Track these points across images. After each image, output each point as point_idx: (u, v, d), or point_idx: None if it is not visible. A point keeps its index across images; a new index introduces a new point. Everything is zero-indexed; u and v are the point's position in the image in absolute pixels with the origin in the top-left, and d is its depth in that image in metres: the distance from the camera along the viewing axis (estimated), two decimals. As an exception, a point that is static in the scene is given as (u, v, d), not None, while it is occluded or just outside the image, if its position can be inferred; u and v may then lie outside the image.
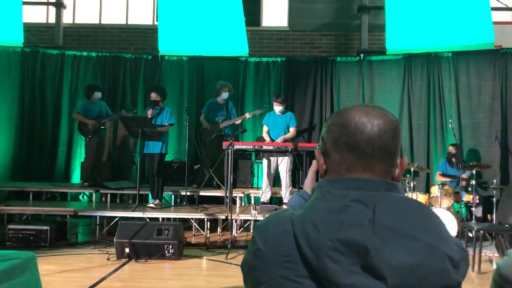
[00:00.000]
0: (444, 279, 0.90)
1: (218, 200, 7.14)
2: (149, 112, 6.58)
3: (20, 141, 8.32)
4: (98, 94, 7.45)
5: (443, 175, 7.18)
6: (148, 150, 6.56)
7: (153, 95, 6.65)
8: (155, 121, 6.54)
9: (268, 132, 7.08)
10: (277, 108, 6.94)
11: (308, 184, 1.35)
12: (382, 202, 0.94)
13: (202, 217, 6.22)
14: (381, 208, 0.93)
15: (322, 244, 0.90)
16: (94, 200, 7.23)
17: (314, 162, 1.31)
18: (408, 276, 0.88)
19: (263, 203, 6.75)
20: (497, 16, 8.41)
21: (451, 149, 7.03)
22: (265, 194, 6.84)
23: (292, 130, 7.01)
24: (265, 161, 6.89)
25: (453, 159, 7.01)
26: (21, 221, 6.28)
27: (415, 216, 0.94)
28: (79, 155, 8.19)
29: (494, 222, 6.05)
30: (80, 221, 6.65)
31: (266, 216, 1.08)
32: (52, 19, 9.63)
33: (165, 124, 6.61)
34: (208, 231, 6.27)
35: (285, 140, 6.86)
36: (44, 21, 9.88)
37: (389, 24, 8.18)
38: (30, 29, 9.11)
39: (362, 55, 8.41)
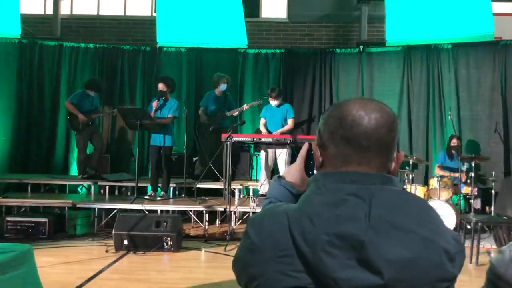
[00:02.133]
0: (440, 273, 0.90)
1: (216, 192, 7.14)
2: (154, 104, 6.53)
3: (18, 133, 8.30)
4: (92, 92, 7.34)
5: (442, 167, 7.18)
6: (156, 142, 6.54)
7: (160, 86, 6.59)
8: (160, 113, 6.50)
9: (266, 125, 7.06)
10: (273, 102, 6.91)
11: (294, 171, 1.28)
12: (378, 195, 0.93)
13: (201, 209, 6.23)
14: (377, 202, 0.92)
15: (318, 238, 0.90)
16: (92, 192, 7.23)
17: (305, 145, 1.27)
18: (404, 269, 0.87)
19: (262, 195, 6.74)
20: (497, 7, 8.37)
21: (453, 141, 7.01)
22: (263, 186, 6.83)
23: (289, 121, 6.98)
24: (263, 153, 6.88)
25: (453, 151, 6.99)
26: (20, 213, 6.28)
27: (411, 210, 0.94)
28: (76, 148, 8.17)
29: (493, 214, 6.05)
30: (78, 213, 6.65)
31: (260, 210, 1.06)
32: (49, 10, 9.57)
33: (168, 116, 6.57)
34: (207, 223, 6.27)
35: (283, 133, 6.84)
36: (42, 12, 9.82)
37: (389, 16, 8.14)
38: (28, 20, 9.05)
39: (361, 46, 8.37)
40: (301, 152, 1.30)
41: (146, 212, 6.07)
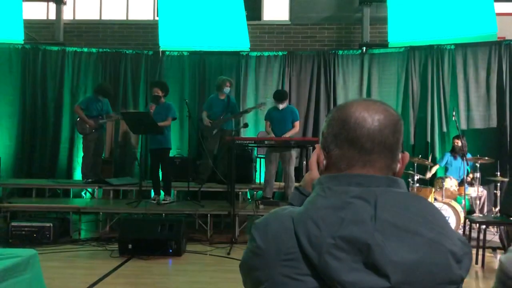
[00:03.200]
0: (447, 275, 0.89)
1: (221, 196, 7.13)
2: (152, 107, 6.57)
3: (22, 138, 8.34)
4: (101, 98, 7.39)
5: (447, 168, 7.16)
6: (153, 146, 6.55)
7: (156, 90, 6.64)
8: (157, 116, 6.54)
9: (271, 127, 7.06)
10: (280, 105, 6.90)
11: (309, 179, 1.28)
12: (383, 198, 0.93)
13: (205, 212, 6.22)
14: (383, 204, 0.91)
15: (324, 241, 0.89)
16: (96, 197, 7.23)
17: (314, 152, 1.26)
18: (411, 272, 0.87)
19: (266, 198, 6.74)
20: (500, 7, 8.34)
21: (456, 142, 7.00)
22: (268, 189, 6.82)
23: (295, 124, 6.98)
24: (268, 156, 6.87)
25: (458, 152, 6.98)
26: (24, 218, 6.28)
27: (417, 212, 0.93)
28: (81, 152, 8.20)
29: (498, 215, 6.02)
30: (83, 217, 6.65)
31: (265, 213, 1.06)
32: (52, 16, 9.61)
33: (168, 118, 6.60)
34: (211, 227, 6.27)
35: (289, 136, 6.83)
36: (45, 17, 9.86)
37: (391, 17, 8.13)
38: (31, 26, 9.09)
39: (364, 48, 8.37)
40: (312, 158, 1.29)
41: (150, 216, 6.07)
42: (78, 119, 7.30)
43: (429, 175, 7.23)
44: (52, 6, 9.56)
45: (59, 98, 8.47)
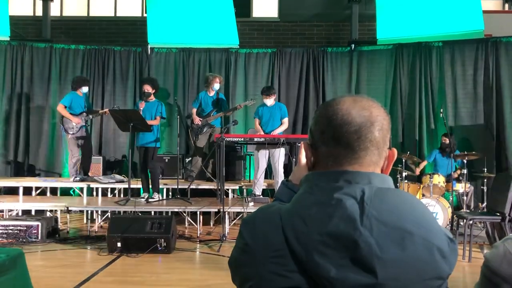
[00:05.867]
0: (433, 271, 0.89)
1: (210, 193, 7.12)
2: (141, 105, 6.53)
3: (9, 135, 8.24)
4: (85, 89, 7.34)
5: (435, 164, 7.22)
6: (141, 143, 6.51)
7: (146, 87, 6.60)
8: (146, 113, 6.49)
9: (260, 124, 7.05)
10: (267, 101, 6.90)
11: (298, 173, 1.24)
12: (370, 194, 0.93)
13: (195, 210, 6.21)
14: (370, 201, 0.91)
15: (311, 238, 0.89)
16: (85, 195, 7.18)
17: (301, 147, 1.25)
18: (398, 268, 0.87)
19: (256, 195, 6.74)
20: (486, 5, 8.42)
21: (444, 139, 7.07)
22: (257, 186, 6.82)
23: (284, 121, 6.98)
24: (257, 153, 6.87)
25: (446, 149, 7.04)
26: (11, 217, 6.22)
27: (403, 208, 0.93)
28: (68, 150, 8.12)
29: (485, 211, 6.09)
30: (71, 216, 6.60)
31: (254, 210, 1.05)
32: (39, 12, 9.49)
33: (157, 117, 6.57)
34: (201, 224, 6.26)
35: (278, 133, 6.84)
36: (31, 14, 9.74)
37: (379, 14, 8.17)
38: (17, 22, 8.99)
39: (353, 45, 8.39)
40: (300, 154, 1.28)
41: (139, 214, 6.04)
42: (63, 117, 7.21)
43: (417, 171, 7.29)
44: (39, 2, 9.45)
45: (46, 95, 8.38)
